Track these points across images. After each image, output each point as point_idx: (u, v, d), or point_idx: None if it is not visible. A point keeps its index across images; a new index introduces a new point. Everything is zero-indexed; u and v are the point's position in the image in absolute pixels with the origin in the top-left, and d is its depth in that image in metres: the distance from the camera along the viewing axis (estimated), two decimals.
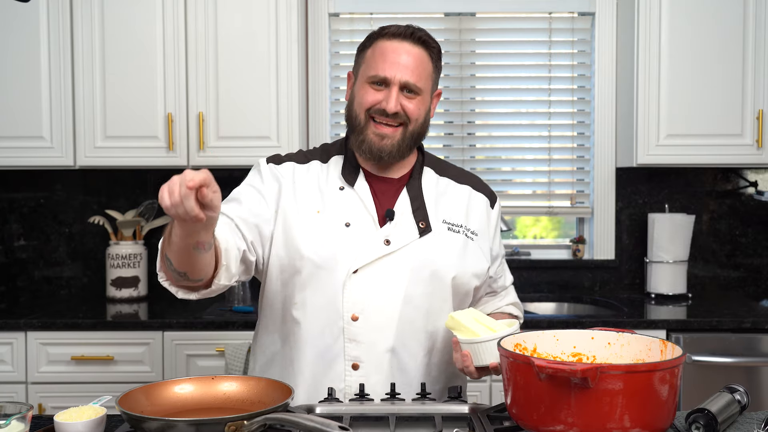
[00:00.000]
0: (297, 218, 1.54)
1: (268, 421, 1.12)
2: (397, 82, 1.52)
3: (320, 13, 3.18)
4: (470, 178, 1.70)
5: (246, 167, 3.00)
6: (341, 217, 1.54)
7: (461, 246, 1.58)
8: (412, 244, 1.53)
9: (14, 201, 3.20)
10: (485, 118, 3.29)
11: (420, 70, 1.54)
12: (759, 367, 2.57)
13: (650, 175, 3.19)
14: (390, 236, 1.53)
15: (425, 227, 1.55)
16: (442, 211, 1.60)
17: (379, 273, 1.51)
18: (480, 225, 1.63)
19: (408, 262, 1.52)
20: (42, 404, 2.56)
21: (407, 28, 1.55)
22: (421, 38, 1.55)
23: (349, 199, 1.56)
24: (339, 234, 1.52)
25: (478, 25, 3.25)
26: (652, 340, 1.28)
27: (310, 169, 1.61)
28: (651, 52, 2.85)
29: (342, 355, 1.51)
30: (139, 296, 3.02)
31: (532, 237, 3.42)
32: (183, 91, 2.84)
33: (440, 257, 1.54)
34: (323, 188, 1.58)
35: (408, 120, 1.54)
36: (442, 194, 1.63)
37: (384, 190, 1.59)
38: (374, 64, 1.53)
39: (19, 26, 2.82)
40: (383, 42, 1.54)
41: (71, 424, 1.17)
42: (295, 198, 1.56)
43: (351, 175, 1.59)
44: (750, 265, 3.21)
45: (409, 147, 1.57)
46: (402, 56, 1.52)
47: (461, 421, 1.30)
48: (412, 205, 1.57)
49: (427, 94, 1.58)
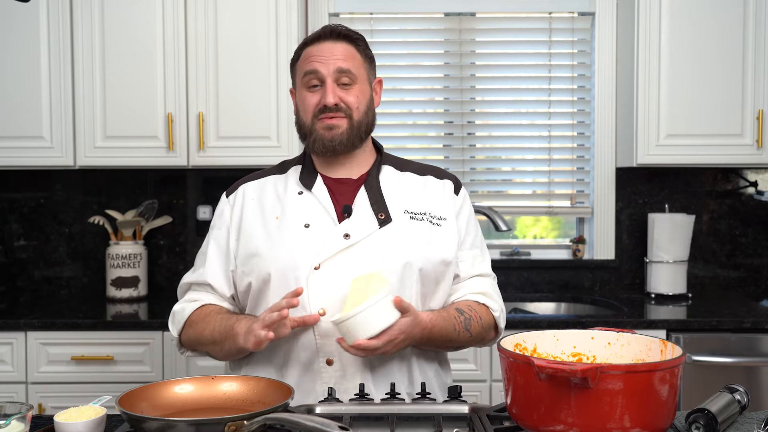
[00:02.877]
0: (256, 230, 1.59)
1: (268, 421, 1.12)
2: (330, 73, 1.56)
3: (320, 13, 3.18)
4: (432, 169, 1.71)
5: (246, 167, 3.02)
6: (300, 219, 1.58)
7: (425, 233, 1.58)
8: (373, 235, 1.55)
9: (14, 201, 3.20)
10: (485, 118, 3.29)
11: (349, 59, 1.58)
12: (759, 367, 2.57)
13: (650, 175, 3.19)
14: (349, 230, 1.55)
15: (384, 218, 1.57)
16: (403, 202, 1.61)
17: (342, 267, 1.52)
18: (445, 211, 1.63)
19: (370, 254, 1.53)
20: (42, 404, 2.56)
21: (324, 27, 1.62)
22: (341, 33, 1.60)
23: (307, 202, 1.60)
24: (299, 235, 1.56)
25: (478, 25, 3.25)
26: (652, 340, 1.28)
27: (266, 182, 1.68)
28: (651, 52, 2.85)
29: (316, 352, 1.52)
30: (139, 296, 3.02)
31: (532, 237, 3.42)
32: (183, 91, 2.84)
33: (403, 246, 1.55)
34: (282, 196, 1.63)
35: (350, 110, 1.58)
36: (403, 187, 1.64)
37: (342, 190, 1.62)
38: (305, 66, 1.59)
39: (19, 26, 2.82)
40: (308, 48, 1.61)
41: (71, 424, 1.17)
42: (253, 213, 1.62)
43: (309, 180, 1.63)
44: (750, 265, 3.21)
45: (359, 136, 1.60)
46: (328, 52, 1.58)
47: (461, 421, 1.30)
48: (370, 200, 1.59)
49: (363, 83, 1.61)
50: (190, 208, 3.20)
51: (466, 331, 1.55)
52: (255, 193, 1.66)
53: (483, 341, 1.63)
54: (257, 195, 1.65)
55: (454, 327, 1.53)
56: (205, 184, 3.19)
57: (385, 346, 1.39)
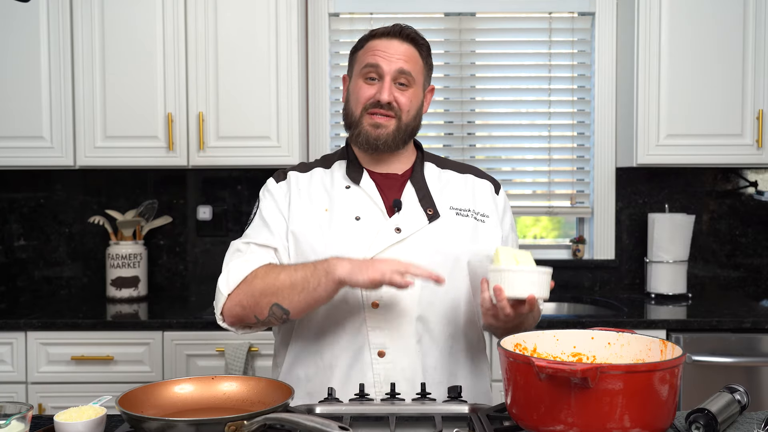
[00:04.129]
0: (306, 219, 1.58)
1: (268, 421, 1.12)
2: (390, 71, 1.57)
3: (320, 13, 3.18)
4: (471, 168, 1.75)
5: (246, 167, 3.03)
6: (350, 212, 1.58)
7: (471, 229, 1.61)
8: (423, 230, 1.56)
9: (14, 201, 3.20)
10: (485, 118, 3.29)
11: (411, 62, 1.60)
12: (759, 367, 2.57)
13: (650, 175, 3.19)
14: (400, 224, 1.56)
15: (433, 213, 1.59)
16: (448, 198, 1.64)
17: None
18: (487, 208, 1.66)
19: (420, 248, 1.54)
20: (42, 404, 2.56)
21: (396, 26, 1.62)
22: (410, 35, 1.62)
23: (356, 196, 1.60)
24: (350, 228, 1.56)
25: (478, 25, 3.25)
26: (652, 340, 1.28)
27: (313, 175, 1.67)
28: (651, 52, 2.85)
29: (367, 344, 1.52)
30: (139, 296, 3.02)
31: (532, 237, 3.42)
32: (183, 91, 2.84)
33: (452, 241, 1.57)
34: (329, 189, 1.63)
35: (400, 112, 1.59)
36: (446, 184, 1.67)
37: (389, 185, 1.63)
38: (367, 58, 1.60)
39: (19, 26, 2.82)
40: (374, 41, 1.62)
41: (71, 424, 1.17)
42: (302, 202, 1.61)
43: (356, 174, 1.63)
44: (750, 265, 3.22)
45: (402, 139, 1.62)
46: (393, 50, 1.59)
47: (461, 421, 1.30)
48: (417, 195, 1.61)
49: (419, 88, 1.63)
50: (190, 208, 3.20)
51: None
52: (303, 183, 1.65)
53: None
54: (305, 186, 1.64)
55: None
56: (205, 184, 3.19)
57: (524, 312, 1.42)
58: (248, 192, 3.19)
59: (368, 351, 1.52)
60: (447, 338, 1.58)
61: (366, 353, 1.52)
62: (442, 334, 1.57)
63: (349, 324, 1.53)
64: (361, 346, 1.53)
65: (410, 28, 1.63)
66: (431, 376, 1.54)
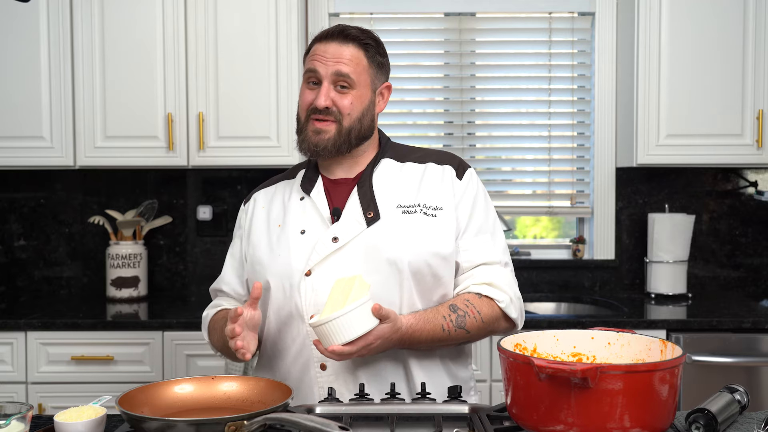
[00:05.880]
0: (260, 238, 1.63)
1: (268, 421, 1.12)
2: (328, 75, 1.55)
3: (320, 13, 3.18)
4: (436, 154, 1.66)
5: (246, 167, 3.03)
6: (298, 225, 1.59)
7: (417, 226, 1.54)
8: (361, 235, 1.53)
9: (14, 201, 3.20)
10: (485, 118, 3.29)
11: (353, 63, 1.56)
12: (759, 367, 2.57)
13: (650, 175, 3.19)
14: (337, 233, 1.54)
15: (373, 216, 1.54)
16: (396, 196, 1.58)
17: (331, 271, 1.51)
18: (442, 199, 1.57)
19: (358, 255, 1.52)
20: (42, 404, 2.56)
21: (336, 27, 1.59)
22: (350, 35, 1.57)
23: (306, 208, 1.61)
24: (294, 241, 1.56)
25: (478, 25, 3.25)
26: (652, 340, 1.28)
27: (276, 189, 1.70)
28: (651, 52, 2.85)
29: (312, 357, 1.53)
30: (139, 296, 3.02)
31: (532, 237, 3.42)
32: (183, 91, 2.84)
33: (391, 242, 1.51)
34: (286, 203, 1.65)
35: (340, 116, 1.56)
36: (400, 180, 1.61)
37: (339, 191, 1.61)
38: (308, 63, 1.60)
39: (19, 26, 2.82)
40: (316, 44, 1.60)
41: (71, 424, 1.17)
42: (260, 222, 1.66)
43: (309, 184, 1.63)
44: (750, 265, 3.21)
45: (346, 143, 1.57)
46: (331, 53, 1.56)
47: (461, 421, 1.30)
48: (360, 200, 1.57)
49: (364, 89, 1.58)
50: (190, 208, 3.20)
51: (461, 329, 1.49)
52: (265, 200, 1.69)
53: (493, 332, 1.57)
54: (267, 202, 1.68)
55: (442, 327, 1.48)
56: (205, 184, 3.19)
57: (360, 351, 1.37)
58: (248, 192, 3.18)
59: (313, 364, 1.53)
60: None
61: (312, 367, 1.53)
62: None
63: (296, 338, 1.54)
64: (307, 360, 1.53)
65: (352, 28, 1.58)
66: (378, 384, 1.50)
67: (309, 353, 1.53)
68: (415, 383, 1.54)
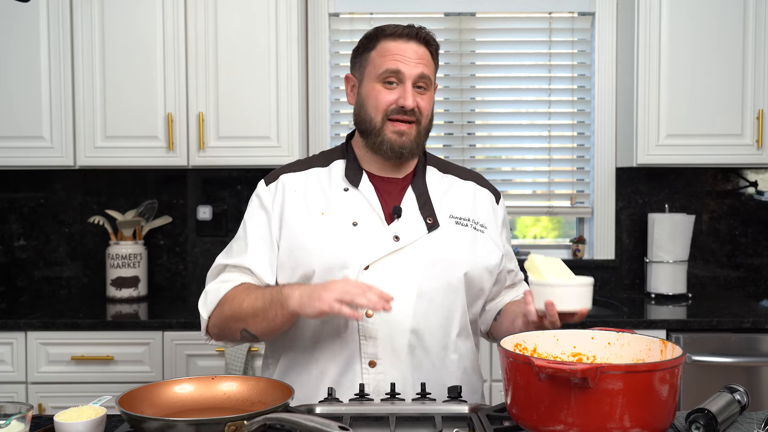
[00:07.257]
0: (301, 223, 1.56)
1: (268, 421, 1.12)
2: (412, 76, 1.54)
3: (320, 13, 3.18)
4: (474, 175, 1.73)
5: (246, 167, 3.03)
6: (348, 216, 1.55)
7: (470, 239, 1.59)
8: (422, 239, 1.54)
9: (14, 201, 3.20)
10: (485, 118, 3.29)
11: (429, 66, 1.58)
12: (759, 367, 2.57)
13: (650, 175, 3.19)
14: (398, 232, 1.54)
15: (433, 222, 1.57)
16: (448, 206, 1.61)
17: (391, 269, 1.51)
18: (487, 218, 1.65)
19: (418, 258, 1.53)
20: (42, 404, 2.56)
21: (411, 28, 1.57)
22: (425, 38, 1.58)
23: (354, 200, 1.58)
24: (347, 233, 1.53)
25: (478, 25, 3.25)
26: (652, 340, 1.28)
27: (309, 175, 1.63)
28: (651, 52, 2.85)
29: (358, 353, 1.51)
30: (139, 296, 3.02)
31: (532, 237, 3.42)
32: (183, 91, 2.84)
33: (450, 252, 1.55)
34: (326, 191, 1.60)
35: (421, 116, 1.57)
36: (447, 191, 1.65)
37: (389, 189, 1.60)
38: (385, 62, 1.55)
39: (19, 26, 2.82)
40: (388, 42, 1.56)
41: (71, 424, 1.17)
42: (296, 205, 1.58)
43: (355, 177, 1.60)
44: (750, 265, 3.21)
45: (423, 143, 1.61)
46: (411, 53, 1.55)
47: (461, 421, 1.30)
48: (418, 202, 1.59)
49: (432, 90, 1.61)
50: (190, 208, 3.20)
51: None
52: (298, 184, 1.61)
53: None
54: (301, 187, 1.60)
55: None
56: (205, 184, 3.19)
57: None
58: (248, 192, 3.17)
59: (359, 361, 1.51)
60: (440, 350, 1.55)
61: (357, 363, 1.51)
62: (435, 346, 1.54)
63: (342, 333, 1.52)
64: (353, 356, 1.51)
65: (425, 30, 1.58)
66: (419, 387, 1.50)
67: (356, 348, 1.51)
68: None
